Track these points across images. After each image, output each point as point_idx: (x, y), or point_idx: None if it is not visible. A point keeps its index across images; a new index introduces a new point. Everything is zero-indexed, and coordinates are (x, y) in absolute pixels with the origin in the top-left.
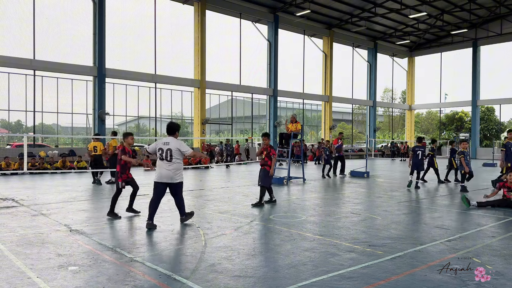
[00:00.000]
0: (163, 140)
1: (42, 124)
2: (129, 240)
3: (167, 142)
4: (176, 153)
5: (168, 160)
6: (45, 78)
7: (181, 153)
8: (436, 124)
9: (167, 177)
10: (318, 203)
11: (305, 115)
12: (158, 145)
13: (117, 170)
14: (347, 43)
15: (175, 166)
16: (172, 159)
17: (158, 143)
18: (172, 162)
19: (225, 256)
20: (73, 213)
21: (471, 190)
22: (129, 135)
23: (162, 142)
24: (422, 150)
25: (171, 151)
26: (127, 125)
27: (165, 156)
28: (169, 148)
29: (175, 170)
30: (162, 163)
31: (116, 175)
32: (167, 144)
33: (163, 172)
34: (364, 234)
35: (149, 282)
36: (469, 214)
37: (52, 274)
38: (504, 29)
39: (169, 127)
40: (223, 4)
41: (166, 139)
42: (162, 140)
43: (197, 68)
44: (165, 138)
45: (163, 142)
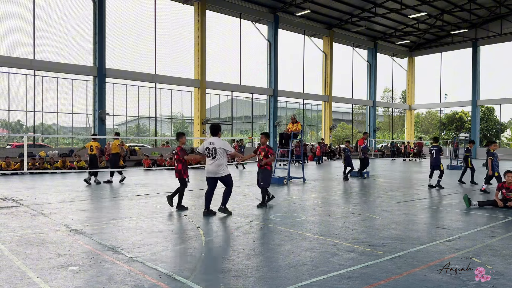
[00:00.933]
0: (209, 140)
1: (42, 124)
2: (129, 240)
3: (212, 141)
4: (220, 151)
5: (213, 157)
6: (45, 78)
7: (224, 151)
8: (436, 124)
9: (212, 172)
10: (318, 203)
11: (305, 115)
12: (205, 145)
13: (179, 168)
14: (347, 43)
15: (217, 162)
16: (216, 156)
17: (205, 143)
18: (216, 159)
19: (225, 256)
20: (73, 213)
21: (471, 190)
22: (182, 135)
23: (208, 142)
24: (437, 149)
25: (215, 150)
26: (127, 125)
27: (211, 153)
28: (214, 147)
29: (218, 166)
30: (208, 160)
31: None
32: (213, 143)
33: (209, 168)
34: (364, 234)
35: (149, 282)
36: (469, 214)
37: (52, 274)
38: (504, 29)
39: (213, 128)
40: (223, 4)
41: (211, 139)
42: (208, 140)
43: (197, 68)
44: (210, 138)
45: (209, 142)
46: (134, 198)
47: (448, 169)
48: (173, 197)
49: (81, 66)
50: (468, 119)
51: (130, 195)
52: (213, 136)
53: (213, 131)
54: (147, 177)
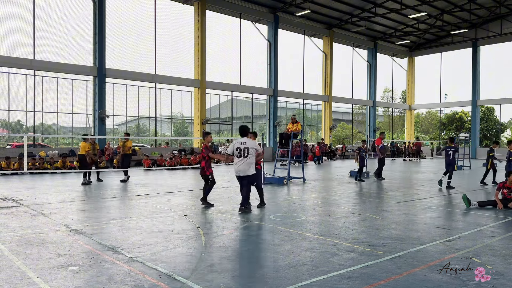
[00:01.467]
0: (240, 140)
1: (42, 124)
2: (129, 240)
3: (243, 141)
4: (252, 150)
5: (245, 156)
6: (45, 78)
7: (255, 151)
8: (436, 124)
9: (242, 170)
10: (318, 203)
11: (305, 115)
12: (235, 145)
13: (203, 165)
14: (347, 43)
15: (249, 161)
16: (248, 155)
17: (235, 144)
18: (247, 158)
19: (225, 256)
20: (73, 213)
21: (471, 190)
22: (208, 134)
23: (239, 142)
24: (454, 150)
25: (248, 149)
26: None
27: (243, 153)
28: (246, 146)
29: (248, 165)
30: (237, 159)
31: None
32: (244, 143)
33: (239, 167)
34: (364, 234)
35: (149, 282)
36: (469, 214)
37: (52, 274)
38: (504, 29)
39: (243, 130)
40: (223, 4)
41: (242, 139)
42: (238, 140)
43: (197, 68)
44: (240, 139)
45: (240, 142)
46: (134, 198)
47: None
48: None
49: (81, 66)
50: (468, 119)
51: (130, 195)
52: (243, 137)
53: (243, 132)
54: (147, 177)
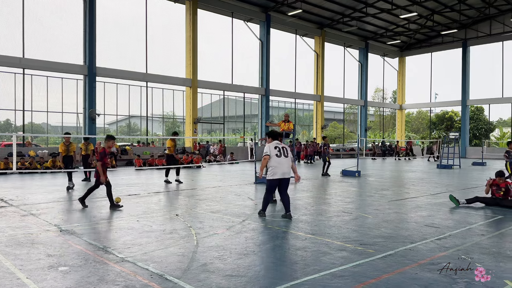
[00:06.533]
0: (273, 143)
1: (32, 124)
2: (120, 240)
3: (278, 142)
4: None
5: (285, 155)
6: (34, 77)
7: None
8: (427, 124)
9: (288, 172)
10: (310, 202)
11: (297, 115)
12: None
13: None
14: (338, 43)
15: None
16: (288, 155)
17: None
18: (289, 157)
19: (217, 256)
20: (63, 213)
21: (460, 189)
22: (111, 139)
23: (274, 144)
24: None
25: (286, 149)
26: (118, 124)
27: (282, 152)
28: (284, 146)
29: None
30: (280, 159)
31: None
32: (279, 143)
33: (286, 169)
34: (356, 233)
35: (141, 282)
36: (459, 212)
37: (42, 274)
38: (493, 30)
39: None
40: (214, 3)
41: (275, 142)
42: (272, 143)
43: (189, 67)
44: (273, 142)
45: (274, 144)
46: (125, 198)
47: (438, 168)
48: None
49: (71, 64)
50: (458, 119)
51: (121, 195)
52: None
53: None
54: (139, 177)
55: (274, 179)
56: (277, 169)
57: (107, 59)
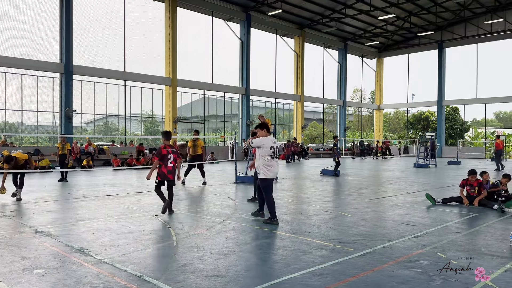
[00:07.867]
0: (270, 138)
1: (5, 123)
2: (98, 241)
3: (274, 140)
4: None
5: (276, 158)
6: (8, 75)
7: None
8: (404, 124)
9: (277, 172)
10: (290, 202)
11: (277, 114)
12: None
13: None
14: (318, 43)
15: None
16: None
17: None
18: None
19: (197, 256)
20: (38, 214)
21: (436, 188)
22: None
23: (270, 140)
24: None
25: (278, 150)
26: (95, 123)
27: (275, 154)
28: (277, 146)
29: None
30: (274, 161)
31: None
32: (275, 142)
33: (276, 169)
34: (335, 232)
35: (119, 283)
36: (435, 211)
37: (17, 277)
38: (468, 32)
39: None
40: (194, 2)
41: (271, 137)
42: (268, 138)
43: (168, 66)
44: (269, 136)
45: (271, 140)
46: (102, 198)
47: (415, 167)
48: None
49: (47, 62)
50: (434, 119)
51: (99, 196)
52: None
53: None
54: (116, 177)
55: (270, 178)
56: (273, 168)
57: (84, 57)
